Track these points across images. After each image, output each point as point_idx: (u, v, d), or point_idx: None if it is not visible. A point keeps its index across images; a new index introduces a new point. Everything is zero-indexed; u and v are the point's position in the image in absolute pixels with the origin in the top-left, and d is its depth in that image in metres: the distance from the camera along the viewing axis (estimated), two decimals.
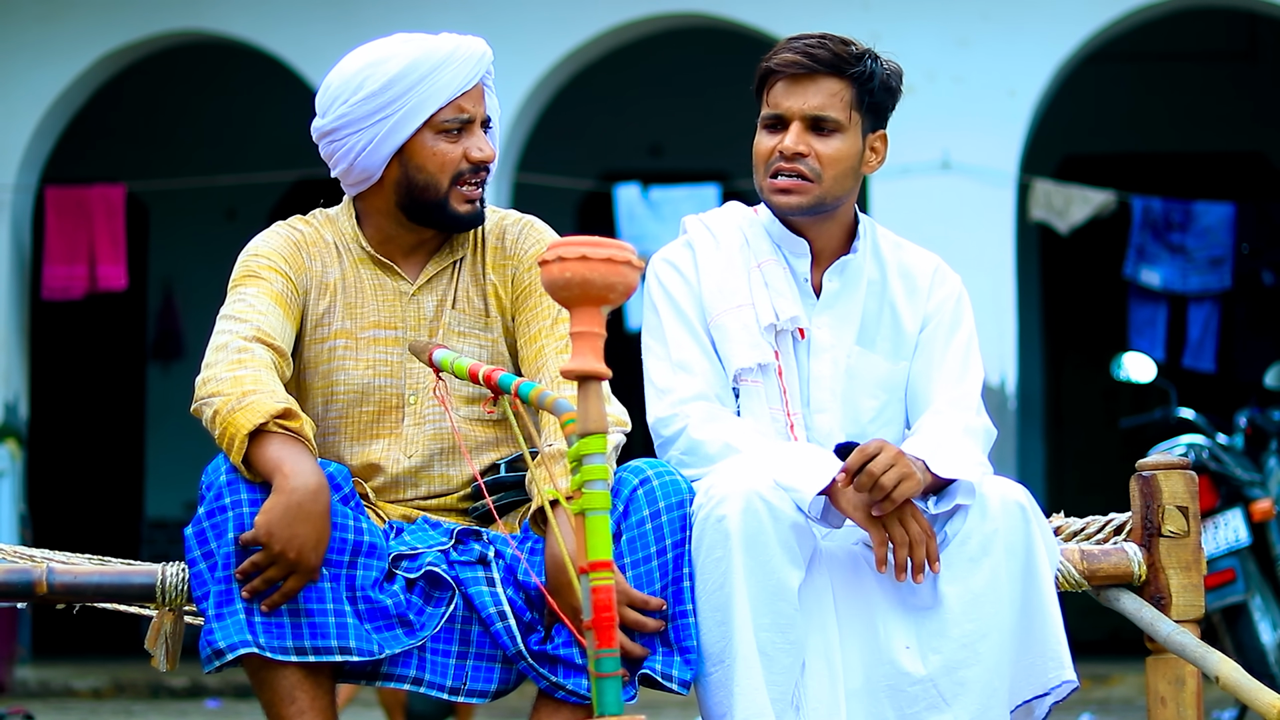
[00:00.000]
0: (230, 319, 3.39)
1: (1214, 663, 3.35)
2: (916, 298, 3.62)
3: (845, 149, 3.50)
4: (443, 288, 3.53)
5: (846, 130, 3.50)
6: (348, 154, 3.45)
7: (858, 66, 3.50)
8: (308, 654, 3.16)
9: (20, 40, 10.85)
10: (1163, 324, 10.50)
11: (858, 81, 3.50)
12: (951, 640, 3.28)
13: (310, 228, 3.56)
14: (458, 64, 3.44)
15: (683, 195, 10.41)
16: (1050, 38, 10.15)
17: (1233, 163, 12.51)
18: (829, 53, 3.49)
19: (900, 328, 3.60)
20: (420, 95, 3.41)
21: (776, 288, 3.55)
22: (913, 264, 3.65)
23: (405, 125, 3.42)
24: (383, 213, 3.51)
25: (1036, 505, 3.37)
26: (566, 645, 3.23)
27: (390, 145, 3.43)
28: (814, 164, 3.48)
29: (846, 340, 3.57)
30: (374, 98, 3.41)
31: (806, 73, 3.49)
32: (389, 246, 3.53)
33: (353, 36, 11.69)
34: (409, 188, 3.46)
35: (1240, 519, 7.30)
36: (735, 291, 3.54)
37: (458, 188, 3.45)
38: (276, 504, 3.13)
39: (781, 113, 3.50)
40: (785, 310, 3.53)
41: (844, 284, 3.58)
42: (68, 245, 10.66)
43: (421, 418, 3.49)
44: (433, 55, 3.43)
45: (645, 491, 3.26)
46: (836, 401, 3.55)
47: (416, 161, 3.44)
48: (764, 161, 3.52)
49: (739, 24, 10.17)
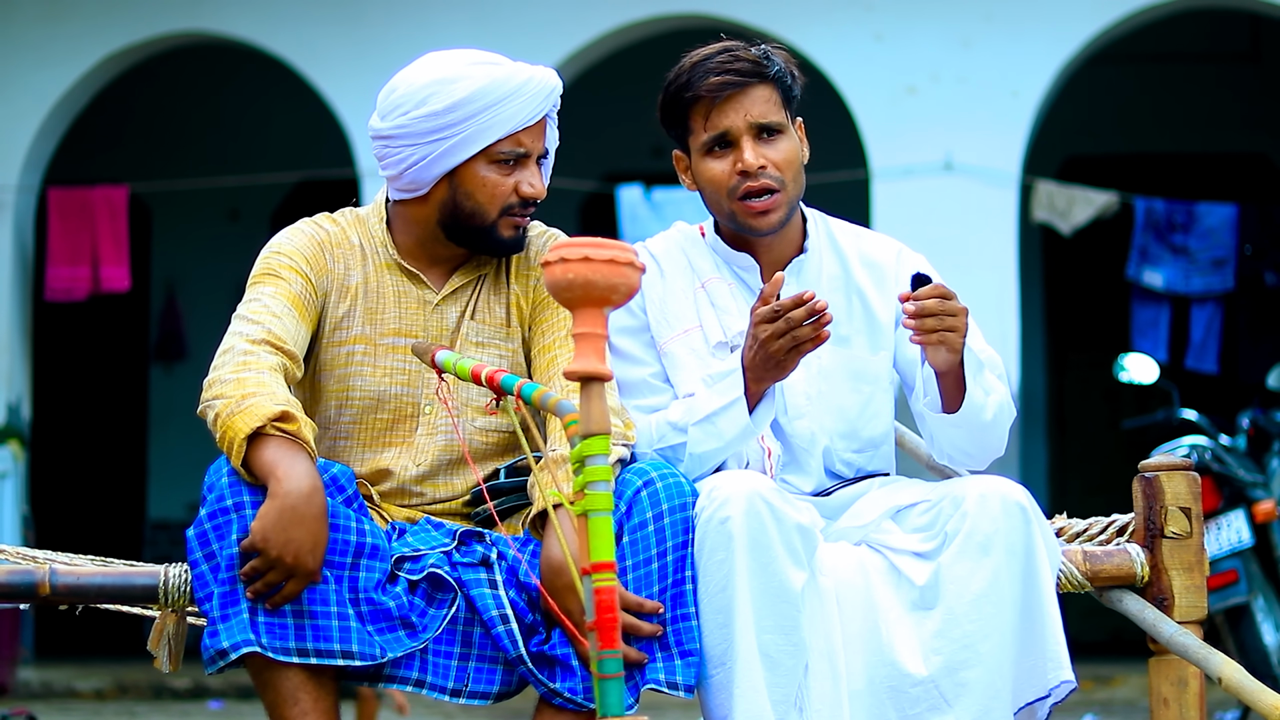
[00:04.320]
0: (242, 319, 3.38)
1: (1217, 664, 3.35)
2: (885, 284, 3.62)
3: (792, 148, 3.52)
4: (466, 298, 3.52)
5: (787, 130, 3.52)
6: (399, 163, 3.42)
7: (774, 67, 3.52)
8: (310, 656, 3.16)
9: (24, 41, 10.86)
10: (1165, 325, 10.49)
11: (779, 81, 3.52)
12: (953, 641, 3.28)
13: (337, 228, 3.53)
14: (525, 98, 3.39)
15: (685, 196, 10.38)
16: (1053, 39, 10.15)
17: (1235, 164, 12.51)
18: (748, 62, 3.50)
19: (874, 318, 3.60)
20: (482, 124, 3.37)
21: (722, 305, 3.55)
22: (874, 252, 3.64)
23: (461, 150, 3.38)
24: (421, 224, 3.48)
25: (1037, 506, 3.37)
26: (564, 644, 3.23)
27: (443, 166, 3.39)
28: (774, 173, 3.49)
29: None
30: (436, 117, 3.37)
31: (738, 88, 3.49)
32: (418, 255, 3.51)
33: (356, 38, 11.68)
34: (455, 211, 3.43)
35: (1243, 520, 7.30)
36: (681, 316, 3.55)
37: (506, 218, 3.43)
38: (270, 509, 3.13)
39: (725, 130, 3.49)
40: (733, 327, 3.53)
41: (801, 285, 3.55)
42: (71, 246, 10.67)
43: (434, 428, 3.48)
44: (503, 85, 3.38)
45: (649, 494, 3.26)
46: (813, 404, 3.55)
47: (466, 188, 3.41)
48: (724, 186, 3.50)
49: (741, 26, 10.17)
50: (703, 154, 3.52)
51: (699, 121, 3.51)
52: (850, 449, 3.58)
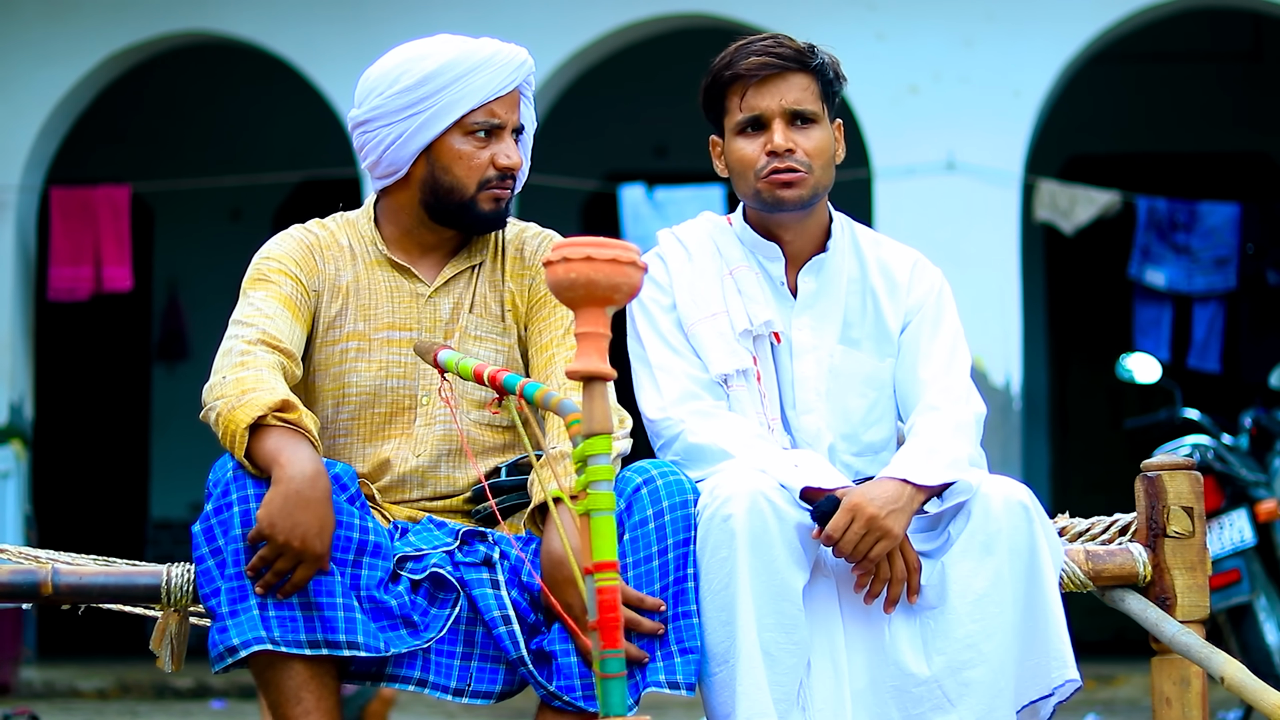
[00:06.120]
0: (237, 324, 3.41)
1: (1219, 663, 3.35)
2: (897, 294, 3.63)
3: (825, 139, 3.54)
4: (459, 291, 3.54)
5: (821, 121, 3.54)
6: (377, 146, 3.47)
7: (816, 60, 3.55)
8: (321, 647, 3.16)
9: (25, 40, 10.86)
10: (1167, 324, 10.48)
11: (819, 74, 3.55)
12: (956, 641, 3.28)
13: (326, 231, 3.57)
14: (495, 68, 3.46)
15: (687, 196, 10.40)
16: (1055, 38, 10.14)
17: (1238, 163, 12.50)
18: (791, 50, 3.54)
19: (883, 324, 3.62)
20: (453, 95, 3.43)
21: (749, 293, 3.56)
22: (892, 260, 3.66)
23: (435, 123, 3.43)
24: (405, 210, 3.52)
25: (1040, 505, 3.37)
26: (563, 639, 3.23)
27: (419, 141, 3.44)
28: (802, 158, 3.51)
29: (829, 339, 3.58)
30: (408, 92, 3.43)
31: (777, 71, 3.52)
32: (407, 245, 3.54)
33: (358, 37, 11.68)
34: (434, 187, 3.47)
35: (1245, 519, 7.30)
36: (708, 300, 3.56)
37: (485, 191, 3.46)
38: (275, 495, 3.14)
39: (759, 113, 3.52)
40: (759, 315, 3.54)
41: (821, 283, 3.59)
42: (73, 246, 10.66)
43: (432, 418, 3.49)
44: (471, 57, 3.44)
45: (649, 491, 3.27)
46: (822, 401, 3.56)
47: (444, 162, 3.45)
48: (752, 166, 3.54)
49: (744, 25, 10.17)
50: (735, 134, 3.56)
51: (735, 101, 3.55)
52: (850, 451, 3.58)
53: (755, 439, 3.43)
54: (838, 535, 3.27)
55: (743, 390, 3.52)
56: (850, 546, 3.28)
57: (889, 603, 3.31)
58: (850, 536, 3.27)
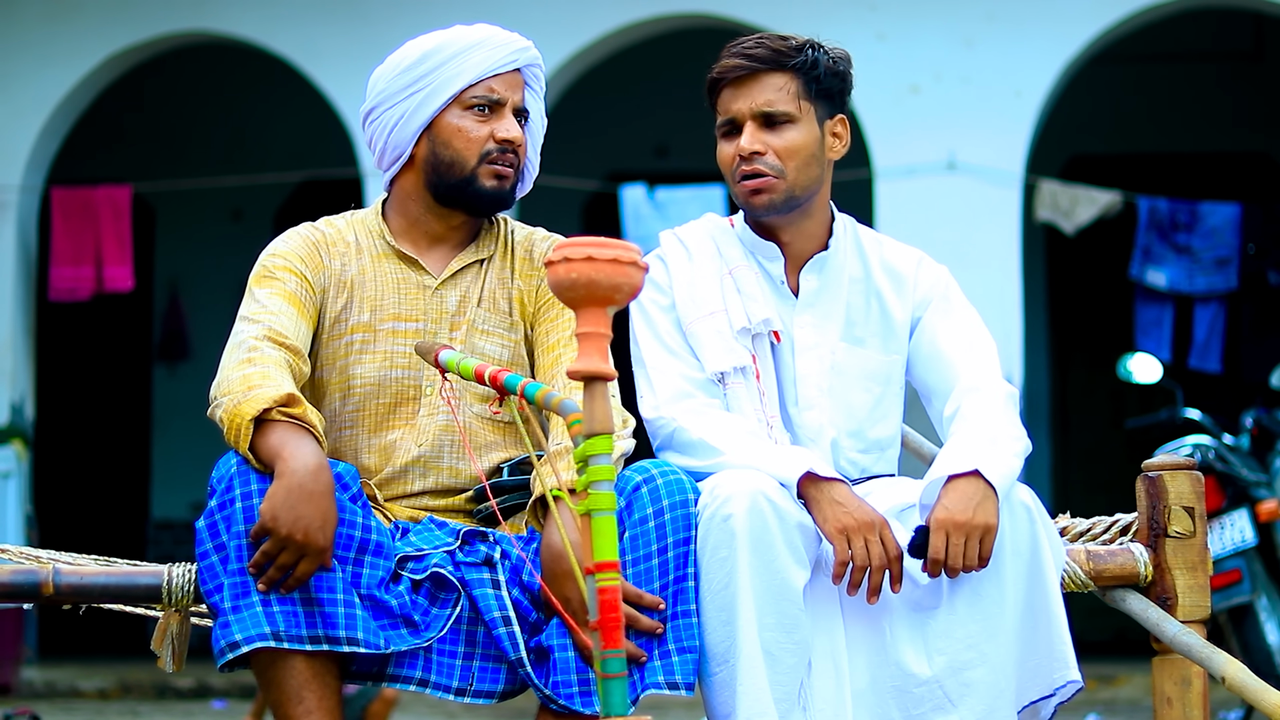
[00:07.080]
0: (243, 321, 3.43)
1: (1220, 663, 3.35)
2: (904, 289, 3.64)
3: (800, 139, 3.52)
4: (467, 284, 3.55)
5: (799, 120, 3.53)
6: (382, 131, 3.52)
7: (798, 58, 3.53)
8: (322, 643, 3.16)
9: (26, 40, 10.86)
10: (1169, 324, 10.48)
11: (802, 72, 3.54)
12: (957, 641, 3.28)
13: (334, 228, 3.59)
14: (492, 46, 3.52)
15: (688, 196, 10.40)
16: (1056, 38, 10.14)
17: (1239, 163, 12.50)
18: (767, 49, 3.53)
19: (890, 319, 3.62)
20: (451, 70, 3.48)
21: (749, 292, 3.57)
22: (895, 258, 3.67)
23: (434, 99, 3.48)
24: (412, 196, 3.55)
25: (1042, 506, 3.37)
26: (561, 634, 3.23)
27: (420, 119, 3.49)
28: (772, 160, 3.51)
29: (831, 337, 3.58)
30: (407, 72, 3.49)
31: (749, 73, 3.53)
32: (414, 236, 3.56)
33: (360, 37, 11.69)
34: (436, 165, 3.50)
35: (1246, 519, 7.30)
36: (707, 299, 3.56)
37: (486, 165, 3.49)
38: (278, 488, 3.15)
39: (732, 116, 3.55)
40: (758, 314, 3.55)
41: (823, 281, 3.60)
42: (74, 246, 10.67)
43: (435, 408, 3.50)
44: (469, 35, 3.52)
45: (649, 490, 3.27)
46: (825, 397, 3.56)
47: (444, 138, 3.49)
48: (729, 168, 3.57)
49: (745, 25, 10.17)
50: (719, 136, 3.60)
51: (716, 103, 3.59)
52: (856, 448, 3.58)
53: (746, 436, 3.43)
54: (942, 555, 3.25)
55: (741, 388, 3.53)
56: (958, 559, 3.25)
57: (871, 592, 3.28)
58: (954, 550, 3.25)
